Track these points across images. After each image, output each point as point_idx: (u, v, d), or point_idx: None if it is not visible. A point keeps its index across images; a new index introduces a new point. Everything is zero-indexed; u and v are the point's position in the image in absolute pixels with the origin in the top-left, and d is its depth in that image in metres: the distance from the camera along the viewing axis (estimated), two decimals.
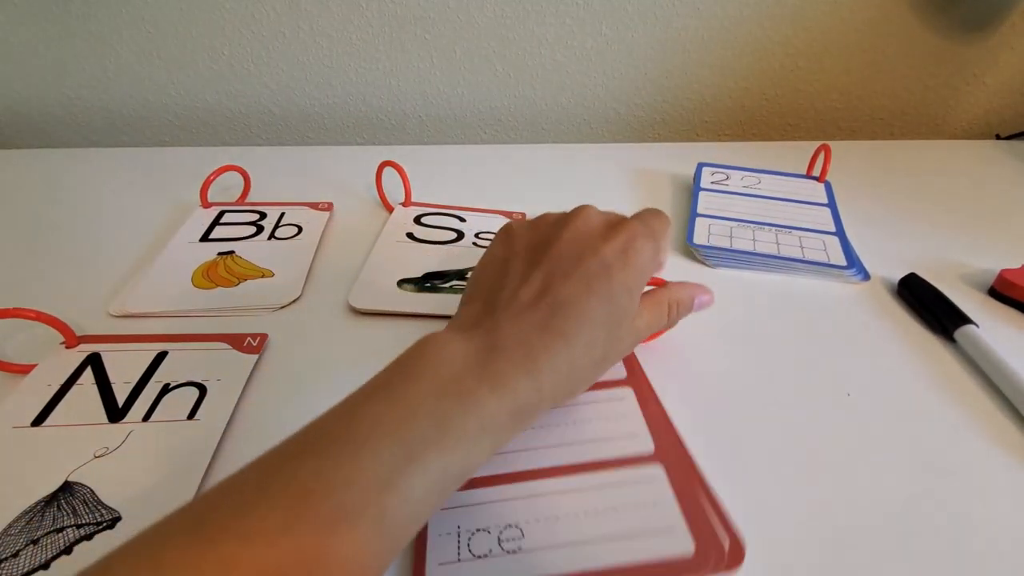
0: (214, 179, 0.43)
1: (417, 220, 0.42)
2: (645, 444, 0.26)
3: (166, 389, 0.28)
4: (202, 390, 0.28)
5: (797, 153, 0.51)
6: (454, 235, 0.41)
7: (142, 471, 0.25)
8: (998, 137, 0.58)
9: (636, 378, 0.29)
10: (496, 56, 0.58)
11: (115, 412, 0.27)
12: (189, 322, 0.34)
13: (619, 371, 0.30)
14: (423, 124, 0.63)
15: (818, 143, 0.47)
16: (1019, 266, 0.35)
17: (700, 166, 0.48)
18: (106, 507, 0.23)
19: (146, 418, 0.27)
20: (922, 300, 0.34)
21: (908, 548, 0.23)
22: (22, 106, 0.59)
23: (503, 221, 0.43)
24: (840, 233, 0.39)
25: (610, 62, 0.59)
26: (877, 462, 0.26)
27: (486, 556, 0.22)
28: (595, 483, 0.24)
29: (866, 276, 0.36)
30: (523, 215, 0.44)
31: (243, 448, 0.26)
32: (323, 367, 0.31)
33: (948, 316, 0.32)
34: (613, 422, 0.27)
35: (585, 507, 0.23)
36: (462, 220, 0.43)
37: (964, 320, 0.31)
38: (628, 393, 0.29)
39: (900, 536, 0.23)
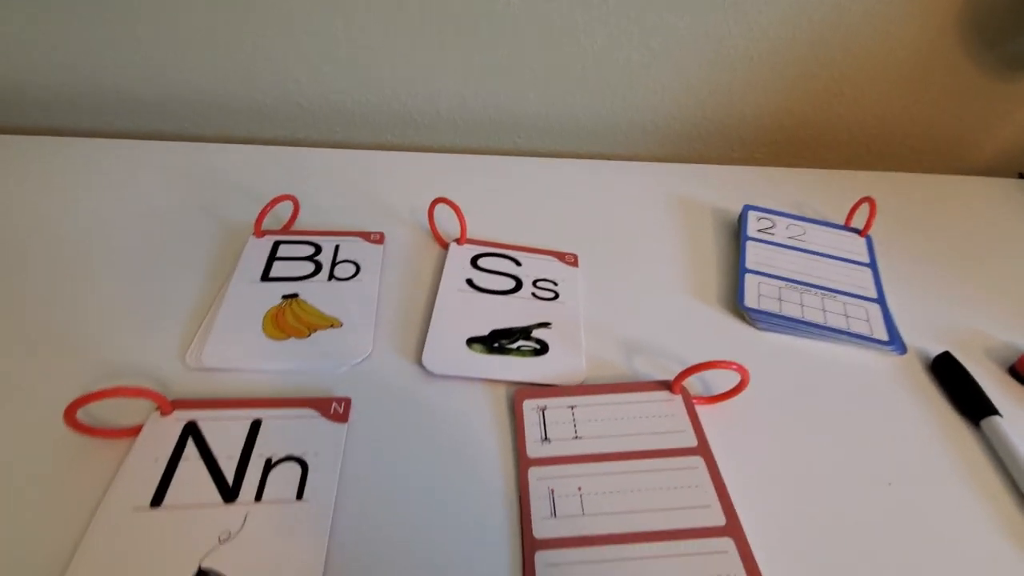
0: (269, 210, 0.43)
1: (474, 263, 0.43)
2: (717, 516, 0.29)
3: (269, 464, 0.30)
4: (303, 466, 0.30)
5: (838, 184, 0.54)
6: (513, 283, 0.42)
7: (264, 556, 0.27)
8: (1020, 176, 0.60)
9: (704, 448, 0.32)
10: (538, 63, 0.57)
11: (227, 491, 0.29)
12: (267, 379, 0.35)
13: (689, 439, 0.32)
14: (456, 126, 0.62)
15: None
16: None
17: (746, 209, 0.49)
18: None
19: (258, 498, 0.29)
20: (953, 382, 0.37)
21: None
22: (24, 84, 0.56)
23: (557, 265, 0.44)
24: (881, 300, 0.42)
25: (655, 76, 0.58)
26: (898, 552, 0.30)
27: None
28: (673, 551, 0.27)
29: (903, 350, 0.39)
30: (575, 257, 0.45)
31: (355, 526, 0.29)
32: (404, 433, 0.33)
33: (976, 403, 0.35)
34: (686, 491, 0.30)
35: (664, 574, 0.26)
36: (518, 264, 0.44)
37: (990, 410, 0.35)
38: (699, 463, 0.31)
39: None
